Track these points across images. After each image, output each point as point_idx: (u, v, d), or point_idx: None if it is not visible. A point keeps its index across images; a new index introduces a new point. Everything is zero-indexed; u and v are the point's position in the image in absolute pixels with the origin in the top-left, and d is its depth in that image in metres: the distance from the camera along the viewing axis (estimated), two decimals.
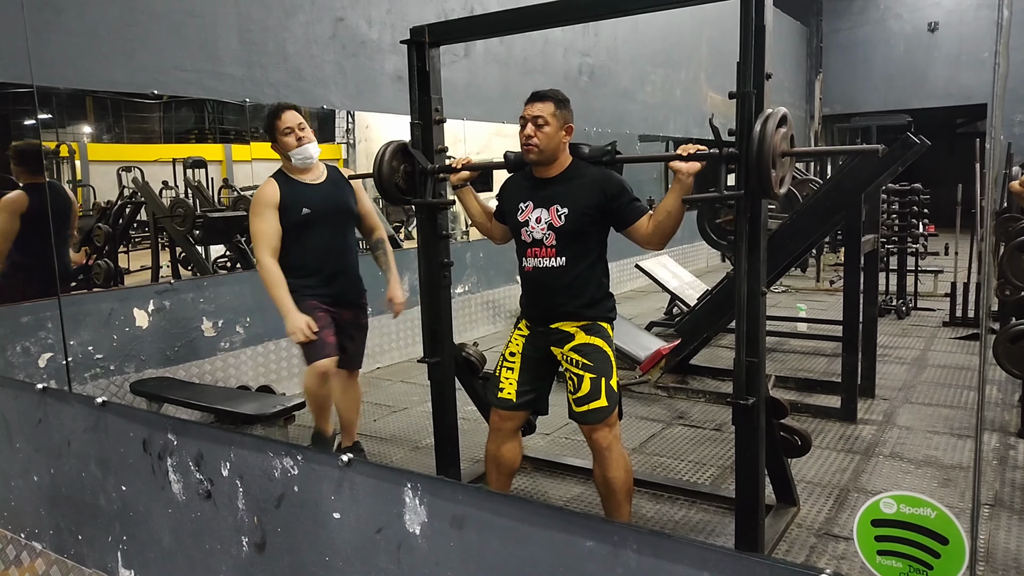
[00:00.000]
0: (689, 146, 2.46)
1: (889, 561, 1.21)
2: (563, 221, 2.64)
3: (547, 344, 2.77)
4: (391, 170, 2.98)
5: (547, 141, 2.62)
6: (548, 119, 2.61)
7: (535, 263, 2.71)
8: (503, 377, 2.83)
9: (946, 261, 8.16)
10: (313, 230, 3.27)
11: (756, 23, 2.30)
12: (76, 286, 4.39)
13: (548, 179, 2.72)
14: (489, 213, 3.01)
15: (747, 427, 2.50)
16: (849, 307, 4.44)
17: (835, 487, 3.45)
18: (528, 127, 2.62)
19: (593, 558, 1.24)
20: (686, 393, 4.91)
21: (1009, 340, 3.74)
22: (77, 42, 3.99)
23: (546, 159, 2.67)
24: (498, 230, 2.99)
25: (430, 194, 3.03)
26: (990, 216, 1.50)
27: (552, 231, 2.66)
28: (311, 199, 3.27)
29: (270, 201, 3.21)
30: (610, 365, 2.68)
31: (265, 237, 3.20)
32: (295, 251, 3.26)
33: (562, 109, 2.65)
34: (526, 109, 2.66)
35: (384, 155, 2.97)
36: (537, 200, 2.71)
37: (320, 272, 3.30)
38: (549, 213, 2.66)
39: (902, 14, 14.58)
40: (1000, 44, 1.16)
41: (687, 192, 2.47)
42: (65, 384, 3.78)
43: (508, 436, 2.85)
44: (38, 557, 2.24)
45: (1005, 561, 2.75)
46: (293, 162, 3.27)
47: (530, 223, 2.70)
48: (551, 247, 2.67)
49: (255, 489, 1.69)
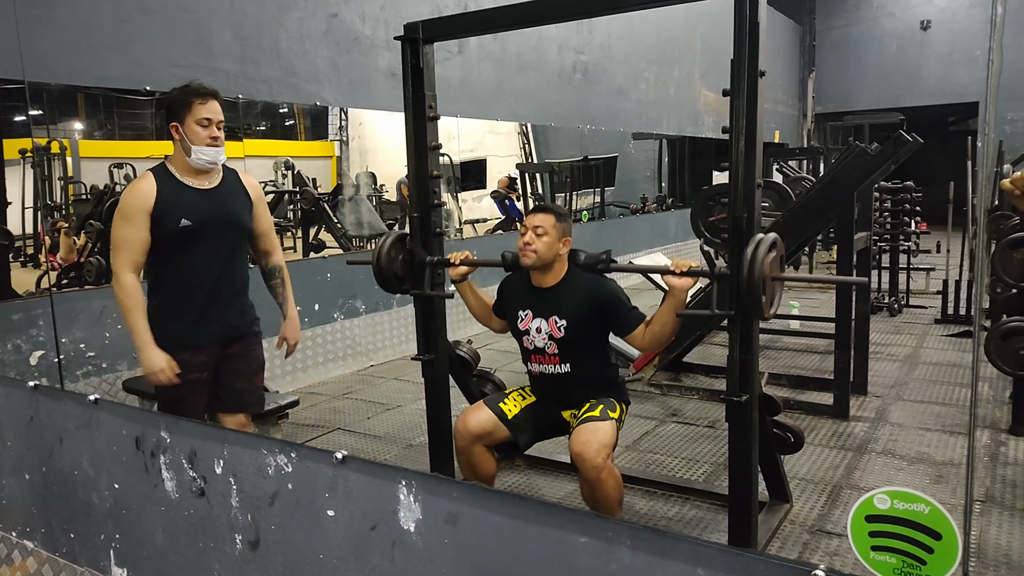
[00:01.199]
0: (682, 263, 2.55)
1: (883, 557, 1.22)
2: (563, 333, 2.77)
3: (560, 409, 2.92)
4: (389, 259, 3.02)
5: (545, 249, 2.75)
6: (548, 230, 2.74)
7: (540, 369, 2.87)
8: (512, 397, 2.94)
9: (938, 259, 8.20)
10: (192, 246, 2.62)
11: (750, 21, 2.30)
12: (68, 283, 4.37)
13: (545, 288, 2.83)
14: (487, 307, 3.09)
15: (740, 424, 2.51)
16: (842, 304, 4.46)
17: (828, 484, 3.46)
18: (528, 234, 2.75)
19: (587, 554, 1.25)
20: (679, 390, 4.92)
21: (1000, 337, 3.76)
22: (70, 37, 3.96)
23: (541, 265, 2.78)
24: (497, 323, 3.08)
25: (428, 286, 3.07)
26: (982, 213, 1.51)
27: (553, 341, 2.79)
28: (195, 208, 2.61)
29: (142, 205, 2.54)
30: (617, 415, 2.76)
31: (128, 247, 2.55)
32: (166, 271, 2.64)
33: (562, 222, 2.79)
34: (528, 219, 2.80)
35: (384, 246, 3.00)
36: (536, 309, 2.83)
37: (194, 299, 2.65)
38: (548, 324, 2.79)
39: (895, 12, 14.62)
40: (994, 40, 1.16)
41: (681, 307, 2.58)
42: (57, 382, 3.76)
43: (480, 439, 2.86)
44: (30, 555, 2.23)
45: (996, 557, 2.76)
46: (192, 160, 2.61)
47: (531, 332, 2.83)
48: (554, 355, 2.81)
49: (249, 487, 1.68)
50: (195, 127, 2.58)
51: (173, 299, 2.64)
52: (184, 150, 2.61)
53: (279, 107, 5.65)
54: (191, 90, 2.61)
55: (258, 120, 5.67)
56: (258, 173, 6.09)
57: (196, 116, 2.58)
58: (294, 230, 6.43)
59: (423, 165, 3.04)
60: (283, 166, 6.39)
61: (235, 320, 2.78)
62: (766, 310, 2.29)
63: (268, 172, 6.33)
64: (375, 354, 5.94)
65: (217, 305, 2.70)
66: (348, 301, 5.69)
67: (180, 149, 2.62)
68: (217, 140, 2.62)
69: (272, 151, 6.28)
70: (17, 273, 4.19)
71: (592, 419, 2.67)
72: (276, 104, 5.43)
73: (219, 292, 2.70)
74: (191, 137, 2.59)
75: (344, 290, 5.66)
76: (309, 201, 6.10)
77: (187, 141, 2.59)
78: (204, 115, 2.59)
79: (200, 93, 2.61)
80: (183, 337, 2.64)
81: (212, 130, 2.60)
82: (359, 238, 6.51)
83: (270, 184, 6.29)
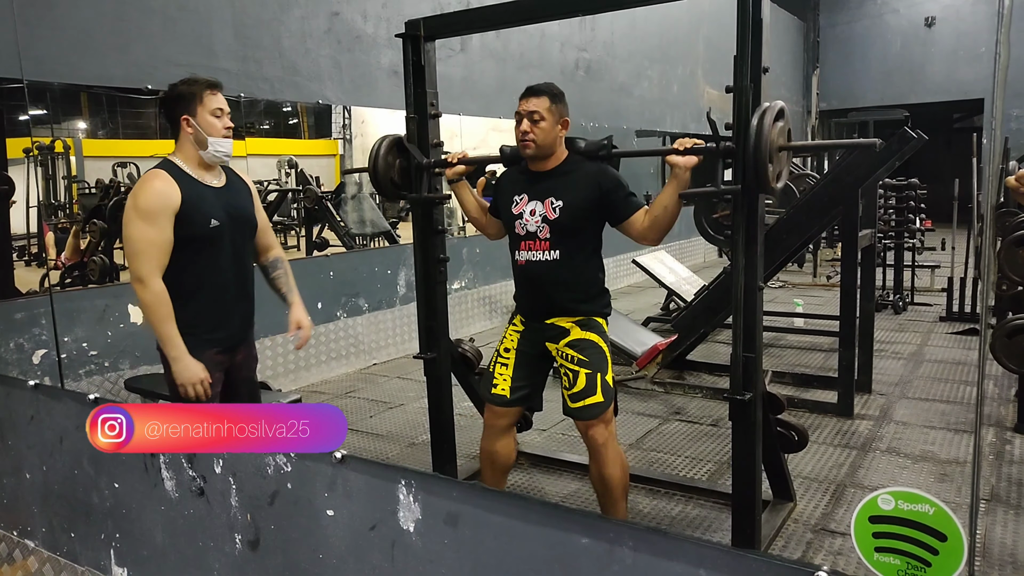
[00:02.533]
0: (686, 140, 2.43)
1: (887, 558, 1.20)
2: (558, 214, 2.62)
3: (542, 340, 2.76)
4: (387, 165, 2.96)
5: (543, 136, 2.60)
6: (544, 114, 2.59)
7: (528, 256, 2.69)
8: (497, 373, 2.82)
9: (943, 256, 8.17)
10: (219, 247, 2.50)
11: (753, 17, 2.28)
12: (72, 282, 4.37)
13: (544, 172, 2.70)
14: (484, 208, 2.98)
15: (744, 423, 2.50)
16: (846, 302, 4.44)
17: (832, 482, 3.44)
18: (524, 123, 2.61)
19: (588, 555, 1.23)
20: (683, 389, 4.90)
21: (1006, 335, 3.74)
22: (70, 37, 3.96)
23: (543, 154, 2.66)
24: (493, 226, 2.96)
25: (426, 189, 3.01)
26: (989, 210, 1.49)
27: (546, 224, 2.64)
28: (219, 207, 2.49)
29: (168, 204, 2.37)
30: (605, 361, 2.67)
31: (154, 250, 2.37)
32: (189, 273, 2.46)
33: (557, 103, 2.63)
34: (521, 104, 2.63)
35: (379, 150, 2.94)
36: (532, 193, 2.69)
37: (218, 304, 2.54)
38: (544, 206, 2.65)
39: (899, 9, 14.57)
40: (1001, 34, 1.14)
41: (684, 187, 2.44)
42: (59, 381, 3.76)
43: (502, 432, 2.84)
44: (31, 555, 2.23)
45: (1001, 556, 2.74)
46: (208, 153, 2.48)
47: (524, 216, 2.69)
48: (545, 240, 2.65)
49: (248, 486, 1.68)
50: (209, 118, 2.45)
51: (199, 302, 2.49)
52: (198, 143, 2.46)
53: (282, 106, 5.64)
54: (201, 81, 2.48)
55: (261, 119, 5.67)
56: (261, 172, 6.09)
57: (209, 107, 2.45)
58: (297, 229, 6.42)
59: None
60: (286, 165, 6.39)
61: (250, 320, 2.71)
62: (772, 181, 2.21)
63: (272, 171, 6.33)
64: (378, 352, 5.93)
65: (241, 305, 2.63)
66: (351, 299, 5.69)
67: (192, 143, 2.47)
68: (230, 131, 2.51)
69: (275, 150, 6.27)
70: (21, 272, 4.20)
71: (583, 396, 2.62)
72: (278, 103, 5.42)
73: (244, 291, 2.62)
74: (206, 129, 2.45)
75: (347, 288, 5.65)
76: (312, 200, 6.09)
77: (202, 133, 2.45)
78: (217, 105, 2.47)
79: (211, 84, 2.49)
80: (210, 340, 2.51)
81: (225, 120, 2.49)
82: (362, 236, 6.50)
83: (273, 183, 6.29)
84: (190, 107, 2.46)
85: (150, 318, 2.40)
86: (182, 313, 2.43)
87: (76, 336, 3.99)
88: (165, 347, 2.41)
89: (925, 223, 7.83)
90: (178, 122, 2.47)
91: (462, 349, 3.41)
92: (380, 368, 5.80)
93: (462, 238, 6.85)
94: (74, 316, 3.99)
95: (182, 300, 2.44)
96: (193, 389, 2.41)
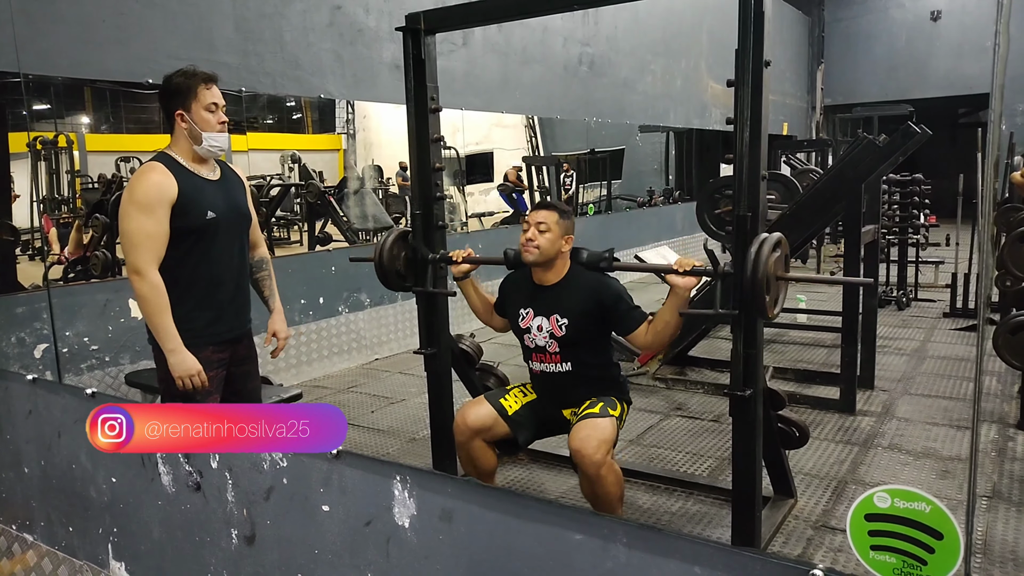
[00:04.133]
0: (686, 261, 2.52)
1: (883, 556, 1.19)
2: (564, 331, 2.74)
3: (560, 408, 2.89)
4: (391, 257, 3.00)
5: (548, 245, 2.72)
6: (551, 226, 2.72)
7: (542, 368, 2.84)
8: (513, 393, 2.93)
9: (947, 252, 8.14)
10: (215, 239, 2.50)
11: (755, 10, 2.27)
12: (75, 277, 4.38)
13: (547, 286, 2.80)
14: (489, 306, 3.05)
15: (744, 419, 2.49)
16: (849, 298, 4.43)
17: (833, 479, 3.43)
18: (531, 230, 2.73)
19: (582, 551, 1.23)
20: (684, 384, 4.89)
21: (1009, 331, 3.72)
22: (71, 31, 3.95)
23: (543, 262, 2.75)
24: (498, 322, 3.05)
25: (430, 284, 3.05)
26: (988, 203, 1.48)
27: (554, 340, 2.76)
28: (215, 199, 2.50)
29: (164, 196, 2.38)
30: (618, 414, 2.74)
31: (151, 242, 2.37)
32: (184, 266, 2.46)
33: (565, 219, 2.76)
34: (531, 215, 2.77)
35: (386, 243, 2.99)
36: (537, 308, 2.80)
37: (215, 297, 2.54)
38: (549, 322, 2.76)
39: (904, 3, 14.50)
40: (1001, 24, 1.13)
41: (684, 306, 2.55)
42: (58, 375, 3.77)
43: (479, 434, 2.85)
44: (29, 548, 2.23)
45: (1003, 553, 2.73)
46: (202, 148, 2.48)
47: (532, 331, 2.80)
48: (555, 354, 2.79)
49: (244, 481, 1.67)
50: (204, 113, 2.46)
51: (195, 295, 2.49)
52: (193, 138, 2.47)
53: (285, 100, 5.64)
54: (197, 75, 2.48)
55: (264, 113, 5.67)
56: (264, 166, 6.10)
57: (204, 102, 2.46)
58: (300, 223, 6.43)
59: (425, 158, 3.02)
60: (289, 159, 6.39)
61: (247, 314, 2.71)
62: (770, 310, 2.27)
63: (275, 165, 6.33)
64: (380, 348, 5.93)
65: (237, 298, 2.62)
66: (353, 295, 5.68)
67: (187, 137, 2.48)
68: (224, 125, 2.52)
69: (278, 144, 6.28)
70: (24, 266, 4.21)
71: (592, 415, 2.65)
72: (281, 97, 5.41)
73: (238, 285, 2.62)
74: (201, 124, 2.46)
75: (349, 283, 5.65)
76: (315, 194, 6.09)
77: (196, 128, 2.46)
78: (212, 100, 2.47)
79: (206, 78, 2.49)
80: (208, 335, 2.51)
81: (220, 115, 2.49)
82: (365, 231, 6.50)
83: (276, 177, 6.29)
84: (185, 102, 2.45)
85: (146, 310, 2.39)
86: (179, 306, 2.43)
87: (77, 331, 3.99)
88: (161, 339, 2.40)
89: (929, 219, 7.79)
90: (172, 116, 2.48)
91: (463, 345, 3.41)
92: (382, 363, 5.80)
93: (464, 234, 6.85)
94: (75, 311, 3.99)
95: (178, 293, 2.43)
96: (190, 381, 2.41)
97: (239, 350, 2.67)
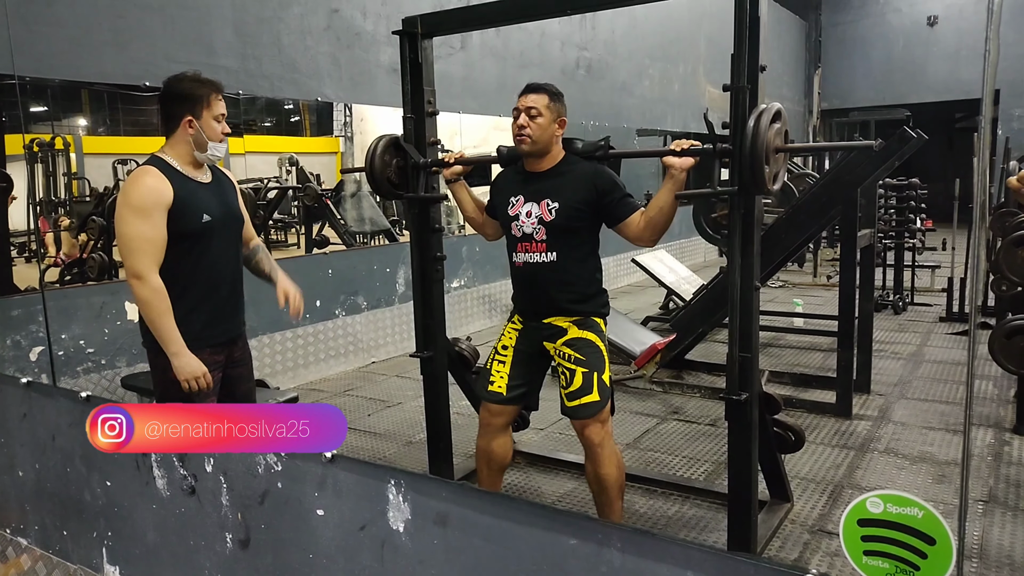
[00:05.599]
0: (682, 141, 2.43)
1: (875, 561, 1.19)
2: (553, 216, 2.61)
3: (540, 339, 2.75)
4: (383, 164, 2.96)
5: (540, 132, 2.60)
6: (542, 110, 2.59)
7: (525, 258, 2.69)
8: (494, 370, 2.81)
9: (943, 256, 8.15)
10: (210, 242, 2.52)
11: (750, 14, 2.27)
12: (71, 280, 4.37)
13: (540, 173, 2.69)
14: (481, 208, 2.97)
15: (740, 423, 2.49)
16: (845, 302, 4.43)
17: (829, 483, 3.43)
18: (522, 117, 2.61)
19: (576, 556, 1.23)
20: (681, 388, 4.89)
21: (1005, 335, 3.73)
22: (68, 33, 3.95)
23: (539, 150, 2.65)
24: (490, 226, 2.95)
25: (422, 189, 3.00)
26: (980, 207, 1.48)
27: (542, 226, 2.63)
28: (210, 203, 2.51)
29: (160, 200, 2.39)
30: (602, 360, 2.66)
31: (151, 246, 2.38)
32: (181, 269, 2.47)
33: (556, 102, 2.63)
34: (520, 100, 2.64)
35: (376, 149, 2.94)
36: (528, 194, 2.68)
37: (211, 300, 2.55)
38: (539, 207, 2.64)
39: (901, 8, 14.54)
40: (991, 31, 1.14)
41: (680, 188, 2.44)
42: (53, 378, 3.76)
43: (499, 431, 2.83)
44: (23, 553, 2.22)
45: (999, 558, 2.73)
46: (204, 155, 2.51)
47: (520, 217, 2.68)
48: (541, 242, 2.65)
49: (239, 486, 1.67)
50: (213, 123, 2.48)
51: (192, 298, 2.50)
52: (198, 145, 2.48)
53: (283, 103, 5.63)
54: (208, 84, 2.50)
55: (262, 116, 5.66)
56: (262, 169, 6.09)
57: (215, 112, 2.48)
58: (297, 226, 6.42)
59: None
60: (287, 162, 6.38)
61: (242, 315, 2.72)
62: (769, 183, 2.20)
63: (272, 168, 6.32)
64: (376, 351, 5.93)
65: (232, 300, 2.63)
66: (350, 298, 5.68)
67: (190, 143, 2.48)
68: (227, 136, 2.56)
69: (276, 147, 6.26)
70: (21, 269, 4.20)
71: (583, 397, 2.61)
72: (278, 100, 5.41)
73: (234, 287, 2.63)
74: (209, 133, 2.47)
75: (346, 286, 5.65)
76: (312, 197, 6.08)
77: (203, 136, 2.47)
78: (221, 111, 2.49)
79: (216, 88, 2.51)
80: (205, 337, 2.51)
81: (224, 126, 2.53)
82: (362, 234, 6.49)
83: (274, 180, 6.28)
84: (195, 109, 2.46)
85: (148, 314, 2.39)
86: (177, 309, 2.43)
87: (73, 333, 3.99)
88: (164, 343, 2.40)
89: (926, 223, 7.81)
90: (179, 120, 2.46)
91: (459, 348, 3.41)
92: (378, 366, 5.80)
93: (461, 236, 6.84)
94: (71, 313, 3.99)
95: (175, 296, 2.44)
96: (196, 383, 2.41)
97: (235, 352, 2.67)
